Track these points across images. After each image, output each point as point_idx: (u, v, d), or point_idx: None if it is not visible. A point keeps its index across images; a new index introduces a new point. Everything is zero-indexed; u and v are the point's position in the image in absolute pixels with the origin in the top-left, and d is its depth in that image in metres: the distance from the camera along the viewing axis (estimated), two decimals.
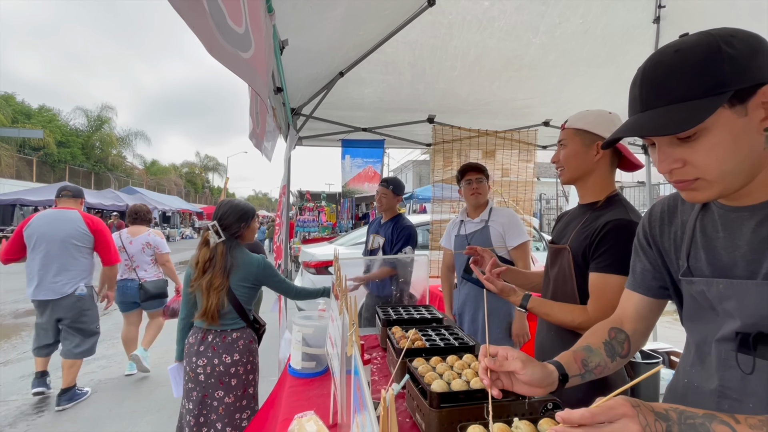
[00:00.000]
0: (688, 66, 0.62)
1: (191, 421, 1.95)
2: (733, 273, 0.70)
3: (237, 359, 1.98)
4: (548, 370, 0.80)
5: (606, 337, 0.91)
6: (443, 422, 1.00)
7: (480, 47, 2.53)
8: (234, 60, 0.79)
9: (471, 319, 2.39)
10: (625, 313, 0.95)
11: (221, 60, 0.71)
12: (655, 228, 0.89)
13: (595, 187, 1.33)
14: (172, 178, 39.07)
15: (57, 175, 23.67)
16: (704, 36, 0.63)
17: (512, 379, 0.79)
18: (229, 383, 1.96)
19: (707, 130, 0.62)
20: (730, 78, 0.60)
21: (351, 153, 4.17)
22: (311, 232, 10.67)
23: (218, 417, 1.94)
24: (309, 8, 1.94)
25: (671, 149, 0.67)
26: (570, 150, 1.32)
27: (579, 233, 1.29)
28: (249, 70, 0.91)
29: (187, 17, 0.57)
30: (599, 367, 0.87)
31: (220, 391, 1.95)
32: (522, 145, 4.14)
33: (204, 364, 1.94)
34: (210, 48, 0.65)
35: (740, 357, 0.68)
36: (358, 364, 0.67)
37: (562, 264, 1.33)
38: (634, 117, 0.68)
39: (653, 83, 0.66)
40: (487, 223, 2.39)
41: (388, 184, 2.97)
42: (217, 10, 0.70)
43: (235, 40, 0.81)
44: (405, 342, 1.45)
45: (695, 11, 2.19)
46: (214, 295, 1.94)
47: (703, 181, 0.66)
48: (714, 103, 0.60)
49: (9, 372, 4.18)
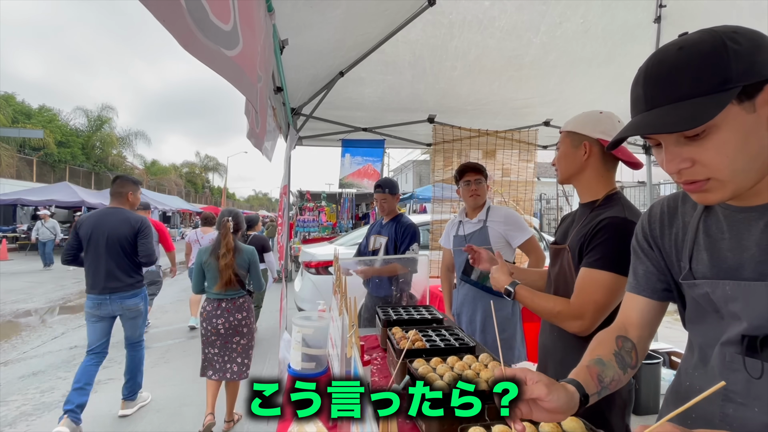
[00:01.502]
0: (694, 63, 0.61)
1: (219, 360, 2.92)
2: (740, 275, 0.68)
3: (245, 315, 2.97)
4: (570, 392, 0.73)
5: (615, 347, 0.86)
6: (444, 423, 0.99)
7: (480, 47, 2.52)
8: (214, 57, 0.76)
9: (469, 320, 2.38)
10: (629, 318, 0.91)
11: (198, 56, 0.69)
12: (655, 229, 0.87)
13: (591, 186, 1.35)
14: (173, 178, 39.05)
15: (57, 175, 23.64)
16: (707, 33, 0.62)
17: (531, 406, 0.70)
18: (242, 332, 2.95)
19: (716, 128, 0.61)
20: (736, 74, 0.59)
21: (351, 152, 4.17)
22: (311, 232, 10.66)
23: (237, 354, 2.94)
24: (309, 8, 1.93)
25: (678, 148, 0.65)
26: (561, 152, 1.38)
27: (577, 232, 1.30)
28: (233, 67, 0.89)
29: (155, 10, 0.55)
30: (614, 381, 0.82)
31: (236, 337, 2.93)
32: (522, 145, 4.14)
33: (222, 322, 2.89)
34: (185, 44, 0.63)
35: (748, 361, 0.67)
36: (358, 365, 0.66)
37: (562, 264, 1.35)
38: (640, 116, 0.67)
39: (658, 81, 0.64)
40: (485, 223, 2.37)
41: (383, 188, 2.94)
42: (197, 7, 0.69)
43: (218, 36, 0.79)
44: (405, 343, 1.45)
45: (696, 11, 2.18)
46: (228, 271, 2.86)
47: (715, 181, 0.64)
48: (723, 99, 0.59)
49: (9, 372, 4.18)
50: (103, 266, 2.99)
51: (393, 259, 2.81)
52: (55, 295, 8.13)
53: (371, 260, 2.96)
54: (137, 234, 3.11)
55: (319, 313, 1.75)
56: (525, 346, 2.40)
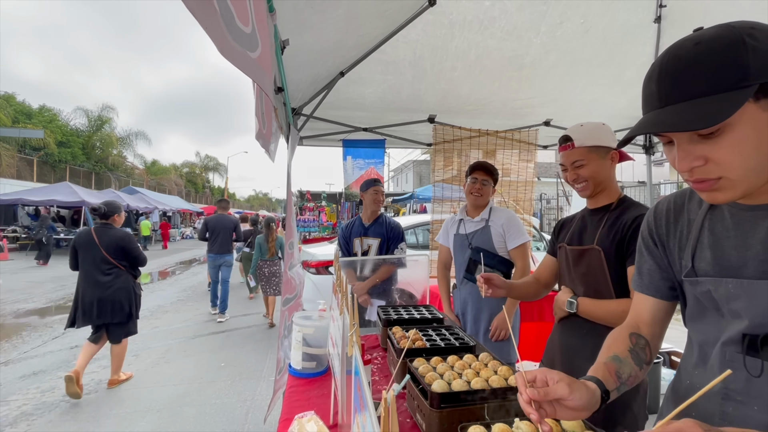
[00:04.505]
0: (712, 59, 0.59)
1: (269, 291, 5.84)
2: (743, 273, 0.68)
3: (280, 267, 5.69)
4: (592, 390, 0.73)
5: (629, 344, 0.86)
6: (444, 422, 0.99)
7: (481, 47, 2.52)
8: (244, 60, 0.78)
9: (473, 320, 2.37)
10: (640, 316, 0.91)
11: (232, 60, 0.70)
12: (661, 226, 0.86)
13: (610, 191, 1.48)
14: (173, 178, 39.01)
15: (57, 175, 23.64)
16: (725, 28, 0.60)
17: (554, 405, 0.70)
18: (280, 278, 4.91)
19: (731, 126, 0.59)
20: (754, 71, 0.57)
21: (352, 154, 4.16)
22: (312, 232, 10.66)
23: (279, 289, 5.03)
24: (310, 8, 1.94)
25: (692, 146, 0.64)
26: (593, 166, 1.45)
27: (606, 233, 1.40)
28: (257, 69, 0.90)
29: (200, 17, 0.57)
30: (631, 377, 0.82)
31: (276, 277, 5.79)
32: (522, 145, 4.14)
33: (270, 273, 5.84)
34: (221, 48, 0.64)
35: (748, 360, 0.67)
36: (358, 364, 0.66)
37: (592, 263, 1.43)
38: (654, 113, 0.64)
39: (673, 78, 0.62)
40: (488, 222, 2.38)
41: (381, 183, 3.14)
42: (226, 10, 0.70)
43: (243, 40, 0.80)
44: (405, 342, 1.45)
45: (696, 10, 2.18)
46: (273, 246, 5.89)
47: (727, 180, 0.63)
48: (741, 96, 0.57)
49: (10, 372, 4.18)
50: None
51: (381, 260, 2.83)
52: (56, 295, 8.13)
53: (363, 260, 2.96)
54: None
55: (319, 313, 1.76)
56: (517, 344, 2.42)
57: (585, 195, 1.51)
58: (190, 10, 0.55)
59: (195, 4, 0.56)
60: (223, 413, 3.25)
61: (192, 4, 0.55)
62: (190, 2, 0.55)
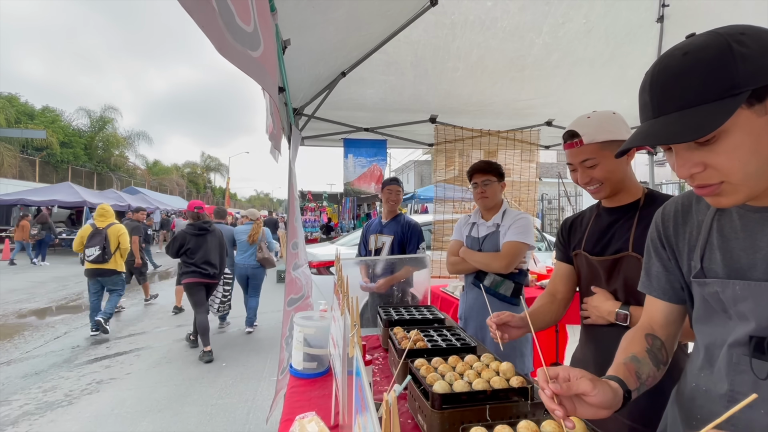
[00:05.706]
0: (699, 69, 0.59)
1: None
2: (751, 275, 0.67)
3: None
4: (614, 388, 0.72)
5: (646, 345, 0.85)
6: (445, 423, 0.99)
7: (483, 47, 2.52)
8: (244, 59, 0.78)
9: (478, 326, 2.31)
10: (653, 318, 0.90)
11: (231, 59, 0.69)
12: (669, 228, 0.86)
13: (630, 187, 1.30)
14: (174, 179, 39.08)
15: (60, 176, 23.69)
16: (713, 36, 0.60)
17: (575, 402, 0.70)
18: None
19: (727, 132, 0.60)
20: (744, 78, 0.57)
21: (354, 153, 4.16)
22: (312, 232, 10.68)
23: None
24: (311, 8, 1.93)
25: (689, 153, 0.64)
26: (607, 165, 1.25)
27: (642, 235, 1.17)
28: (259, 69, 0.90)
29: (196, 17, 0.56)
30: (650, 377, 0.81)
31: None
32: (524, 145, 4.13)
33: None
34: (220, 47, 0.64)
35: (755, 362, 0.67)
36: (359, 365, 0.66)
37: (631, 272, 1.23)
38: (648, 124, 0.65)
39: (663, 88, 0.63)
40: (499, 227, 2.30)
41: (399, 182, 3.15)
42: (225, 9, 0.69)
43: (244, 38, 0.80)
44: (407, 343, 1.45)
45: (699, 10, 2.18)
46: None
47: (728, 184, 0.63)
48: (731, 105, 0.57)
49: (11, 371, 4.19)
50: None
51: (398, 260, 2.81)
52: (57, 295, 8.15)
53: (374, 260, 2.95)
54: None
55: (320, 313, 1.75)
56: (532, 353, 2.35)
57: (600, 197, 1.33)
58: (186, 9, 0.54)
59: (191, 4, 0.55)
60: (225, 413, 3.25)
61: (188, 3, 0.55)
62: (186, 2, 0.54)
